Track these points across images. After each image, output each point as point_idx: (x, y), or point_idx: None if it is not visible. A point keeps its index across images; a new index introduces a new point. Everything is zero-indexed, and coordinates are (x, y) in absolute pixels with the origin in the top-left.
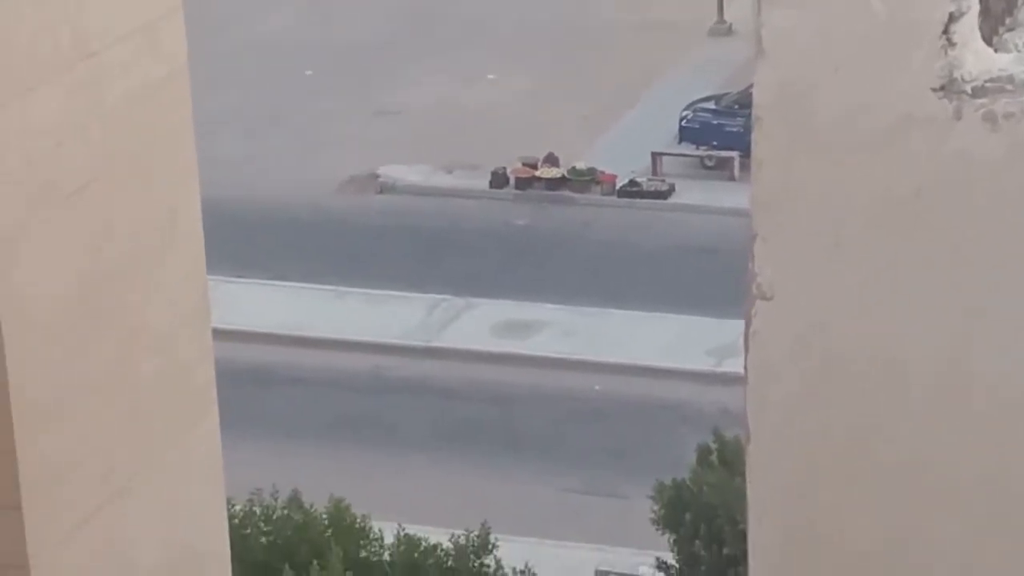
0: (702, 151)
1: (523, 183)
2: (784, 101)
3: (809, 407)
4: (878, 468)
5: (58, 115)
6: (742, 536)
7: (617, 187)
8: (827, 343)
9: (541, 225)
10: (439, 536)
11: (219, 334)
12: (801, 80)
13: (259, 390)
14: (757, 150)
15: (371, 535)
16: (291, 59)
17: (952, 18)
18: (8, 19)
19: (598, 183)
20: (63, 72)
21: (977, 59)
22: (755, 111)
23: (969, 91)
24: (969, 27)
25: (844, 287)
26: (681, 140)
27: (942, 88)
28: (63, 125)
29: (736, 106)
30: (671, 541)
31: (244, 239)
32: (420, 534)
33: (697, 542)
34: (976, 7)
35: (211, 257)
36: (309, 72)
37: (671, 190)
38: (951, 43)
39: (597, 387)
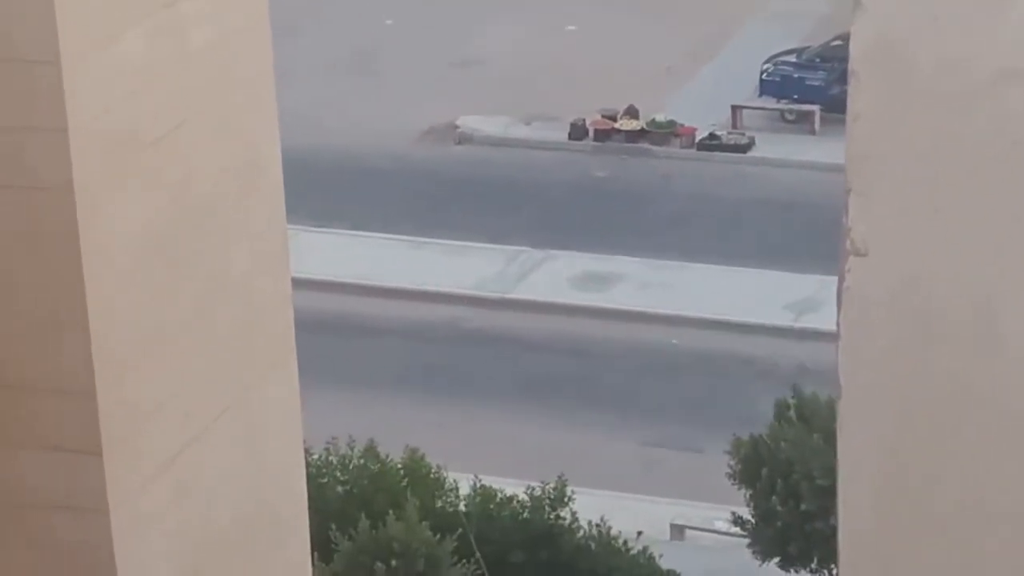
0: (782, 104)
1: (602, 135)
2: (880, 53)
3: (903, 365)
4: (972, 426)
5: (139, 62)
6: (819, 492)
7: (697, 140)
8: (922, 300)
9: (620, 177)
10: (515, 488)
11: (297, 283)
12: (898, 32)
13: (337, 340)
14: (852, 103)
15: (447, 486)
16: (372, 7)
17: None
18: None
19: (677, 136)
20: (144, 19)
21: None
22: (851, 64)
23: None
24: None
25: (940, 243)
26: (761, 93)
27: None
28: (144, 72)
29: (817, 59)
30: (747, 496)
31: (323, 188)
32: (496, 485)
33: (774, 498)
34: None
35: (290, 206)
36: (389, 21)
37: (751, 144)
38: None
39: (674, 341)
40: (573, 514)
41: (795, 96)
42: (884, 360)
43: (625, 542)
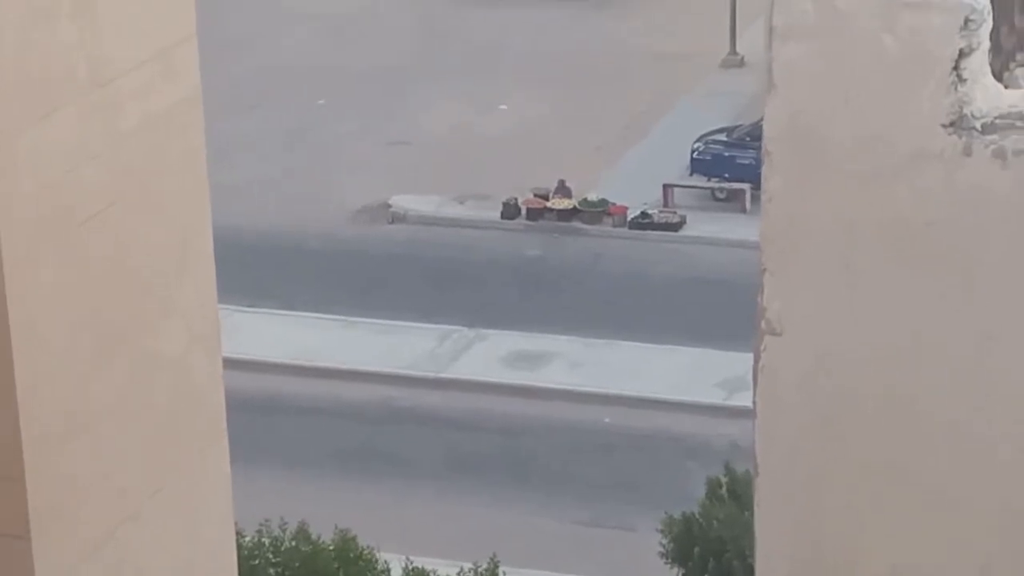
0: (713, 183)
1: (535, 214)
2: (794, 134)
3: (818, 442)
4: (887, 503)
5: (73, 141)
6: (751, 571)
7: (628, 218)
8: (837, 378)
9: (552, 256)
10: (447, 568)
11: (229, 363)
12: (811, 113)
13: (269, 419)
14: (767, 184)
15: (379, 567)
16: (304, 85)
17: (962, 54)
18: (23, 46)
19: (609, 214)
20: (78, 98)
21: (987, 95)
22: (765, 144)
23: (979, 127)
24: (979, 63)
25: (854, 322)
26: (693, 172)
27: (952, 124)
28: (78, 150)
29: (748, 138)
30: (679, 575)
31: (255, 267)
32: (428, 566)
33: None
34: (986, 43)
35: (222, 285)
36: (322, 101)
37: (682, 222)
38: (961, 79)
39: (607, 419)
40: None
41: (726, 175)
42: (799, 438)
43: None
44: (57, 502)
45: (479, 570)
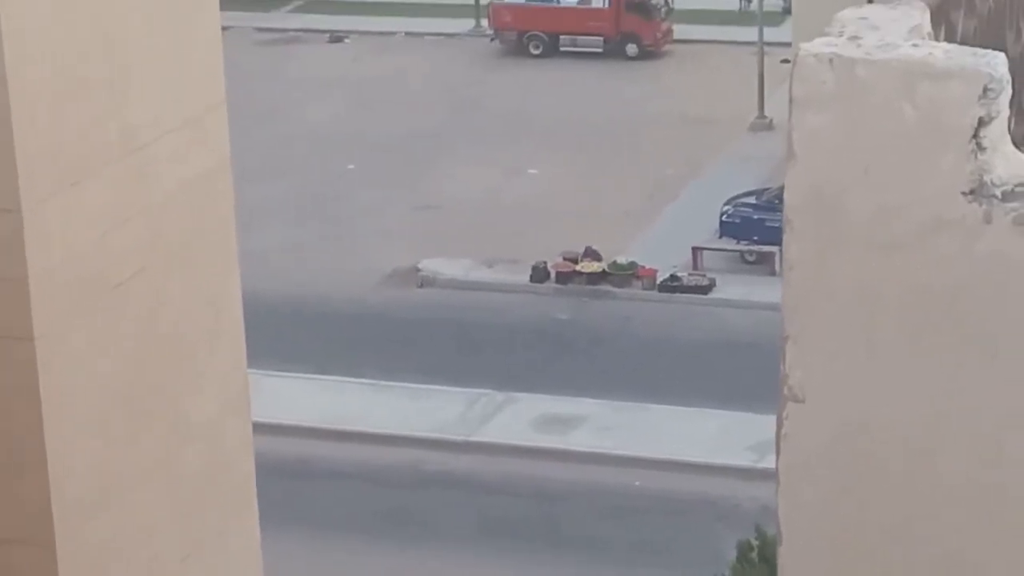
0: (742, 246)
1: (564, 277)
2: (814, 203)
3: (841, 509)
4: (909, 570)
5: (105, 207)
6: None
7: (658, 282)
8: (859, 445)
9: (581, 319)
10: None
11: (259, 427)
12: (831, 182)
13: (299, 484)
14: (788, 252)
15: None
16: (334, 151)
17: (982, 122)
18: (57, 113)
19: (639, 277)
20: (110, 165)
21: (1007, 163)
22: (786, 213)
23: (999, 195)
24: (999, 131)
25: (876, 389)
26: (722, 235)
27: (972, 192)
28: (109, 217)
29: (776, 201)
30: None
31: (285, 332)
32: None
33: None
34: (1006, 111)
35: (251, 350)
36: (351, 166)
37: (712, 285)
38: (981, 147)
39: (637, 482)
40: None
41: (755, 237)
42: (823, 505)
43: None
44: (87, 569)
45: None
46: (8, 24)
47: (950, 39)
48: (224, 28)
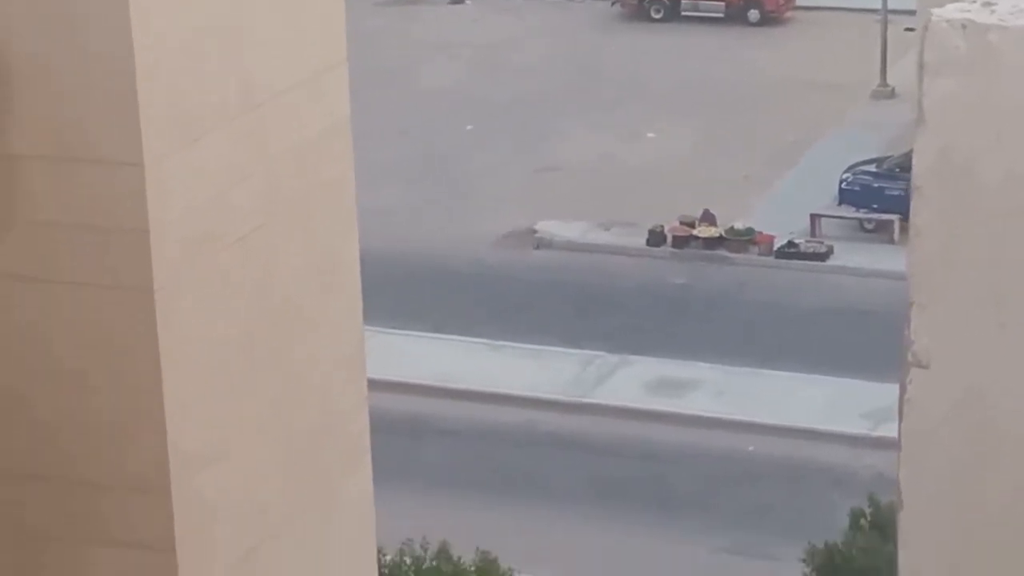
0: (862, 214)
1: (680, 242)
2: (944, 169)
3: (964, 476)
4: None
5: (223, 164)
6: None
7: (775, 248)
8: (984, 412)
9: (697, 284)
10: None
11: (374, 384)
12: (962, 148)
13: (412, 441)
14: (916, 218)
15: None
16: (453, 112)
17: None
18: (177, 71)
19: (756, 243)
20: (229, 122)
21: None
22: (914, 179)
23: None
24: None
25: (1003, 356)
26: (841, 202)
27: None
28: (228, 173)
29: (897, 169)
30: None
31: (401, 290)
32: None
33: None
34: None
35: (368, 307)
36: (470, 127)
37: (829, 252)
38: None
39: (750, 447)
40: None
41: (874, 205)
42: (946, 472)
43: None
44: (201, 519)
45: None
46: None
47: None
48: None
